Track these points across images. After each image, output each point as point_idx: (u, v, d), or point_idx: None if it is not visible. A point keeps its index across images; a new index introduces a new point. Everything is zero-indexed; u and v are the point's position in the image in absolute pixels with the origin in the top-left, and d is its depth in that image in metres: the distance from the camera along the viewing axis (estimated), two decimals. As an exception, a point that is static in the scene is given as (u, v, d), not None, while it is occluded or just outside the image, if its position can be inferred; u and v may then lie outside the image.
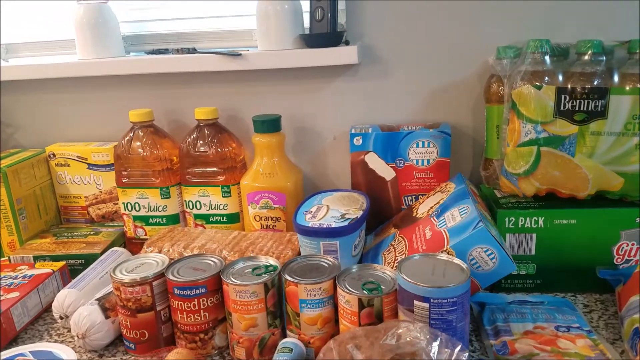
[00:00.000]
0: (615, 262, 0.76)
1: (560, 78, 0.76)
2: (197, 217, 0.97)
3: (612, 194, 0.76)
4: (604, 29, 0.87)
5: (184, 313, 0.67)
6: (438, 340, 0.52)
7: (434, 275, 0.60)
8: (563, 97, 0.73)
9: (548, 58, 0.78)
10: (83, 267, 0.89)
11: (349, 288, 0.62)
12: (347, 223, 0.76)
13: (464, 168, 1.00)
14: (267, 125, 0.91)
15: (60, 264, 0.86)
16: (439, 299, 0.57)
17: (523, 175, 0.77)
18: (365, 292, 0.61)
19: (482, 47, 0.91)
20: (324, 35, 0.91)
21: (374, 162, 0.92)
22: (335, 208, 0.82)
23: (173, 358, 0.63)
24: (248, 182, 0.92)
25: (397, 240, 0.78)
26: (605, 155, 0.73)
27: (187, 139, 0.95)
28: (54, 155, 1.04)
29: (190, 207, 0.97)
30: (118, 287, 0.68)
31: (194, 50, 0.99)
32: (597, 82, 0.73)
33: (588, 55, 0.76)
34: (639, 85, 0.71)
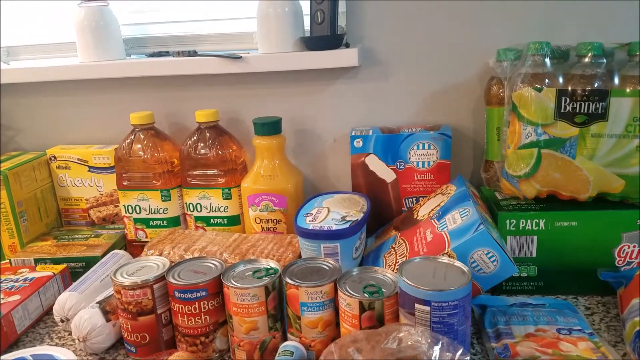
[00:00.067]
0: (617, 264, 0.76)
1: (561, 80, 0.76)
2: (197, 219, 0.97)
3: (613, 196, 0.76)
4: (604, 31, 0.87)
5: (185, 316, 0.67)
6: (439, 344, 0.52)
7: (435, 278, 0.60)
8: (563, 99, 0.72)
9: (548, 60, 0.78)
10: (84, 269, 0.89)
11: (350, 291, 0.62)
12: (347, 225, 0.76)
13: (465, 170, 0.99)
14: (267, 128, 0.91)
15: (61, 267, 0.86)
16: (440, 302, 0.57)
17: (524, 178, 0.77)
18: (366, 295, 0.61)
19: (482, 49, 0.91)
20: (325, 38, 0.91)
21: (375, 164, 0.92)
22: (336, 210, 0.82)
23: (174, 361, 0.63)
24: (248, 184, 0.92)
25: (397, 243, 0.78)
26: (606, 158, 0.73)
27: (187, 142, 0.95)
28: (55, 158, 1.04)
29: (191, 209, 0.97)
30: (119, 290, 0.68)
31: (195, 53, 0.99)
32: (597, 84, 0.73)
33: (588, 58, 0.76)
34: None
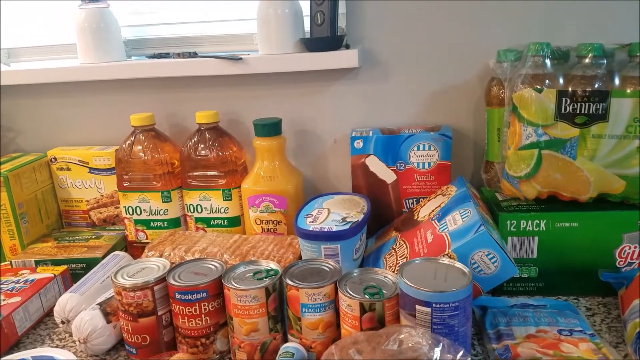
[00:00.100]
0: (618, 265, 0.76)
1: (561, 81, 0.76)
2: (198, 220, 0.97)
3: (613, 197, 0.76)
4: (605, 32, 0.87)
5: (185, 318, 0.67)
6: (440, 346, 0.51)
7: (436, 280, 0.60)
8: (564, 100, 0.72)
9: (549, 61, 0.78)
10: (84, 271, 0.89)
11: (351, 292, 0.62)
12: (348, 226, 0.76)
13: (465, 171, 0.99)
14: (267, 129, 0.91)
15: (62, 269, 0.86)
16: (441, 304, 0.56)
17: (524, 178, 0.77)
18: (367, 296, 0.61)
19: (482, 50, 0.91)
20: (325, 39, 0.91)
21: (375, 165, 0.92)
22: (336, 211, 0.82)
23: (174, 363, 0.63)
24: (249, 185, 0.92)
25: (398, 244, 0.78)
26: (607, 158, 0.73)
27: (188, 143, 0.96)
28: (56, 160, 1.04)
29: (192, 210, 0.97)
30: (119, 291, 0.68)
31: (195, 55, 1.00)
32: (598, 85, 0.73)
33: (589, 58, 0.76)
34: (640, 88, 0.71)
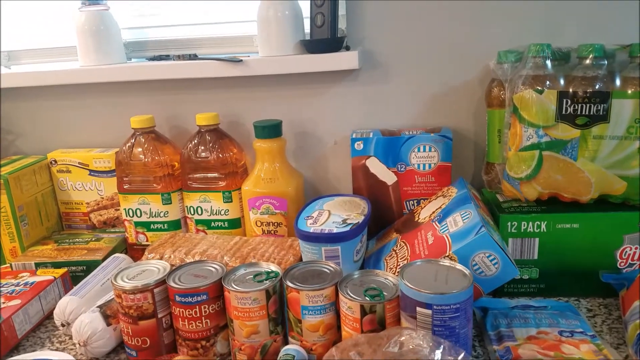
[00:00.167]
0: (619, 266, 0.76)
1: (562, 82, 0.76)
2: (198, 222, 0.97)
3: (614, 198, 0.75)
4: (605, 33, 0.87)
5: (186, 320, 0.67)
6: (441, 348, 0.51)
7: (437, 281, 0.59)
8: (565, 101, 0.72)
9: (549, 62, 0.78)
10: (85, 273, 0.88)
11: (351, 294, 0.62)
12: (348, 228, 0.76)
13: (466, 172, 0.99)
14: (268, 131, 0.91)
15: (62, 271, 0.86)
16: (442, 306, 0.56)
17: (525, 180, 0.76)
18: (368, 298, 0.61)
19: (482, 51, 0.91)
20: (325, 41, 0.91)
21: (375, 166, 0.91)
22: (337, 213, 0.82)
23: (175, 365, 0.63)
24: (249, 187, 0.92)
25: (399, 246, 0.78)
26: (608, 159, 0.73)
27: (188, 145, 0.95)
28: (56, 162, 1.04)
29: (192, 212, 0.97)
30: (119, 294, 0.68)
31: (195, 57, 1.00)
32: (598, 86, 0.73)
33: (589, 59, 0.75)
34: (641, 89, 0.71)
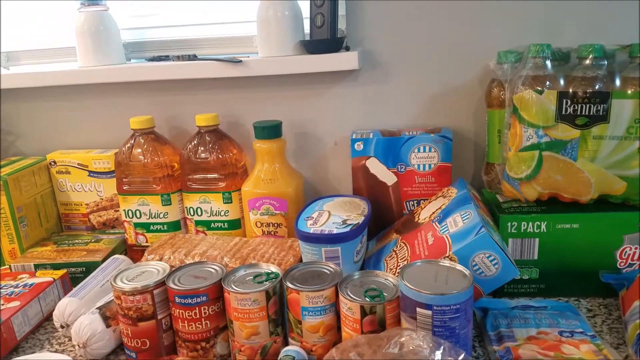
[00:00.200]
0: (619, 266, 0.76)
1: (562, 82, 0.76)
2: (198, 223, 0.97)
3: (614, 198, 0.75)
4: (605, 33, 0.87)
5: (185, 321, 0.67)
6: (441, 349, 0.51)
7: (437, 282, 0.59)
8: (564, 101, 0.72)
9: (549, 62, 0.78)
10: (84, 275, 0.88)
11: (351, 295, 0.62)
12: (348, 229, 0.76)
13: (466, 173, 0.99)
14: (267, 131, 0.91)
15: (61, 272, 0.86)
16: (442, 306, 0.56)
17: (525, 180, 0.76)
18: (368, 299, 0.61)
19: (482, 51, 0.91)
20: (325, 41, 0.91)
21: (375, 167, 0.91)
22: (337, 214, 0.82)
23: (175, 367, 0.63)
24: (249, 188, 0.92)
25: (399, 246, 0.78)
26: (608, 159, 0.73)
27: (187, 146, 0.95)
28: (55, 163, 1.04)
29: (192, 213, 0.97)
30: (119, 295, 0.68)
31: (195, 57, 0.99)
32: (598, 86, 0.73)
33: (589, 60, 0.75)
34: (641, 89, 0.71)
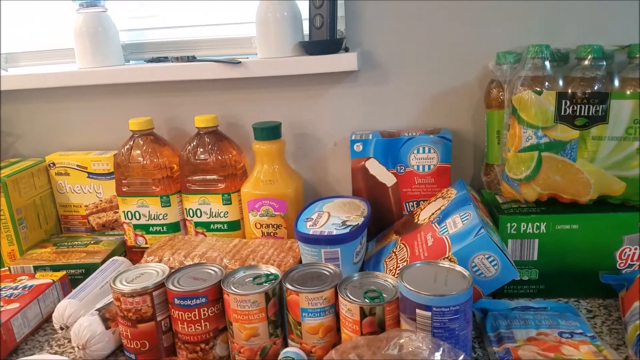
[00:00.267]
0: (618, 266, 0.76)
1: (561, 83, 0.76)
2: (197, 225, 0.97)
3: (614, 199, 0.75)
4: (604, 34, 0.87)
5: (185, 323, 0.66)
6: (440, 350, 0.51)
7: (436, 283, 0.59)
8: (564, 102, 0.72)
9: (548, 63, 0.78)
10: (83, 276, 0.88)
11: (351, 296, 0.62)
12: (348, 230, 0.76)
13: (465, 173, 0.99)
14: (267, 133, 0.91)
15: (61, 274, 0.86)
16: (441, 307, 0.56)
17: (524, 181, 0.76)
18: (367, 300, 0.61)
19: (481, 52, 0.91)
20: (324, 43, 0.91)
21: (375, 168, 0.91)
22: (336, 215, 0.82)
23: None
24: (248, 189, 0.92)
25: (398, 247, 0.78)
26: (607, 160, 0.73)
27: (187, 147, 0.95)
28: (54, 165, 1.04)
29: (191, 215, 0.97)
30: (118, 297, 0.68)
31: (194, 58, 0.99)
32: (597, 86, 0.73)
33: (588, 60, 0.76)
34: (640, 90, 0.71)
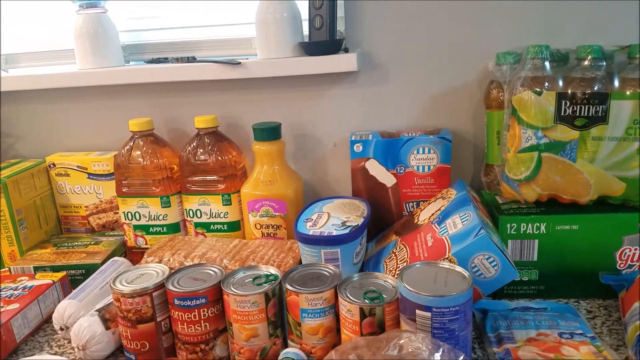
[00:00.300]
0: (618, 267, 0.76)
1: (561, 84, 0.76)
2: (197, 225, 0.97)
3: (614, 199, 0.75)
4: (604, 34, 0.87)
5: (185, 324, 0.66)
6: (440, 351, 0.51)
7: (436, 284, 0.59)
8: (563, 102, 0.72)
9: (548, 64, 0.78)
10: (84, 277, 0.88)
11: (350, 297, 0.62)
12: (348, 230, 0.76)
13: (465, 174, 0.99)
14: (267, 133, 0.91)
15: (61, 275, 0.86)
16: (441, 308, 0.56)
17: (524, 181, 0.76)
18: (367, 301, 0.61)
19: (481, 52, 0.91)
20: (323, 43, 0.91)
21: (375, 168, 0.91)
22: (336, 215, 0.82)
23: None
24: (248, 190, 0.92)
25: (398, 248, 0.78)
26: (607, 161, 0.73)
27: (187, 148, 0.95)
28: (54, 165, 1.04)
29: (191, 215, 0.97)
30: (118, 298, 0.68)
31: (194, 59, 0.99)
32: (597, 87, 0.73)
33: (588, 61, 0.76)
34: (640, 90, 0.71)
